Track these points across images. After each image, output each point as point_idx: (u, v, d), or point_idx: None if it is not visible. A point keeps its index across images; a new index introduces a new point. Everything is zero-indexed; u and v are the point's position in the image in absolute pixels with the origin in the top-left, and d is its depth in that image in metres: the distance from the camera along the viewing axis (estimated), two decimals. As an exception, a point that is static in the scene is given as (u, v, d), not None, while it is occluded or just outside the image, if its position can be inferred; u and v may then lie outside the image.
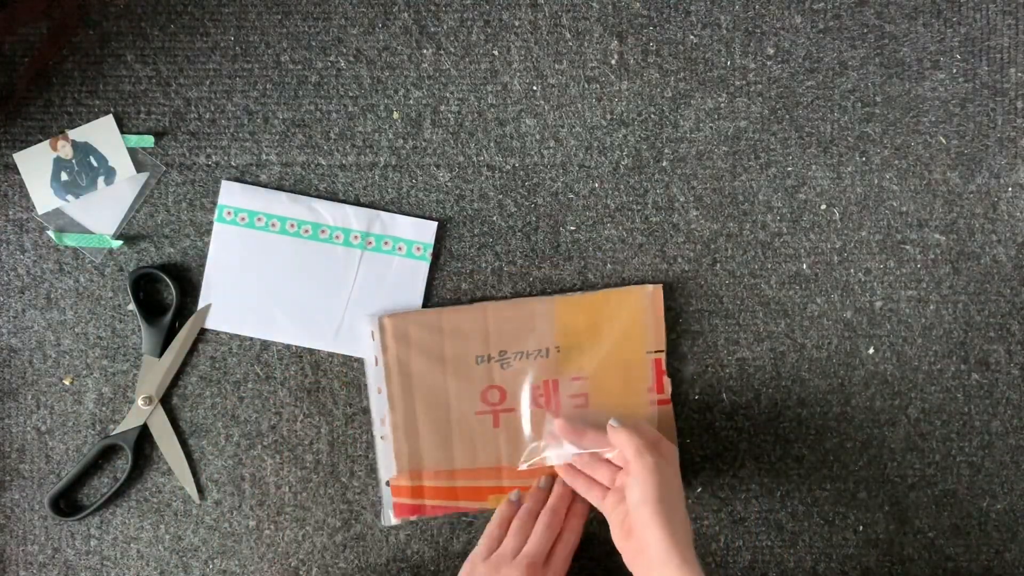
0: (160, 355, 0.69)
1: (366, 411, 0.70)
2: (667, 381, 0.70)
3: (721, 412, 0.71)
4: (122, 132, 0.70)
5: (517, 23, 0.70)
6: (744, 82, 0.71)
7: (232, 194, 0.70)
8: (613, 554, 0.63)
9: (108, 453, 0.70)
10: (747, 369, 0.71)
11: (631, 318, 0.69)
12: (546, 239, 0.71)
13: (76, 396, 0.70)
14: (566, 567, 0.65)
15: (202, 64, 0.70)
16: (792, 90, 0.71)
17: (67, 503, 0.70)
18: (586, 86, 0.71)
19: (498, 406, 0.69)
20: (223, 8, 0.70)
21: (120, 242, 0.69)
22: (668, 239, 0.71)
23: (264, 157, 0.70)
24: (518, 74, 0.70)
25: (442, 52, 0.70)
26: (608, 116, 0.71)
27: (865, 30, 0.71)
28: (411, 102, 0.70)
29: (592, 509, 0.67)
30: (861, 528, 0.71)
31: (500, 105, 0.70)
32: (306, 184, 0.70)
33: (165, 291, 0.70)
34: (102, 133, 0.69)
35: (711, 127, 0.71)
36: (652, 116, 0.71)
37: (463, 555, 0.70)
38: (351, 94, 0.70)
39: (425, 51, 0.70)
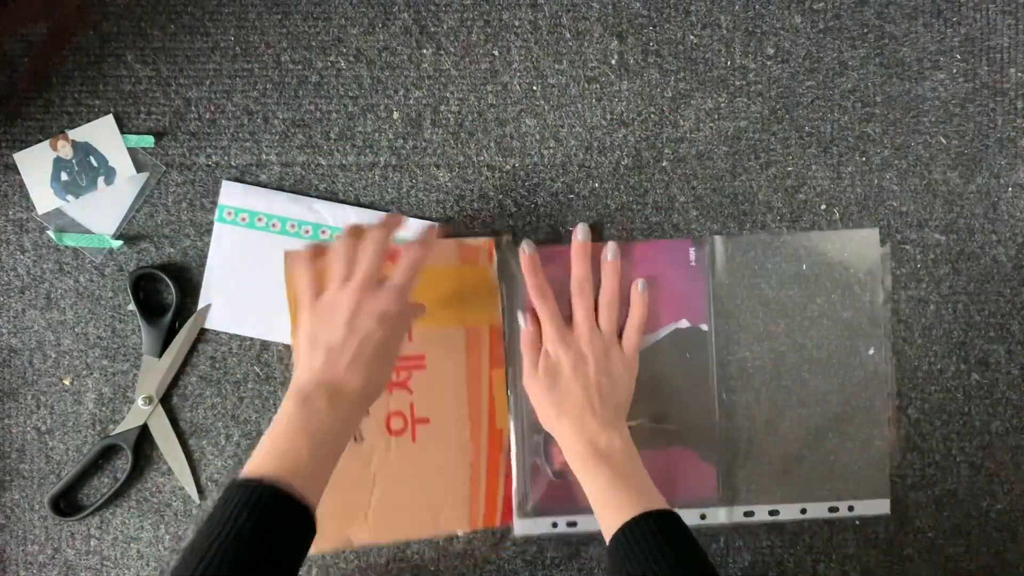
0: (160, 355, 0.69)
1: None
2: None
3: (721, 412, 0.71)
4: (122, 132, 0.70)
5: (517, 23, 0.70)
6: (744, 82, 0.71)
7: (232, 194, 0.70)
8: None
9: (108, 453, 0.70)
10: (747, 369, 0.71)
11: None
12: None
13: (76, 396, 0.70)
14: (413, 281, 0.60)
15: (202, 64, 0.70)
16: (792, 90, 0.71)
17: (67, 503, 0.70)
18: (586, 86, 0.71)
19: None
20: (223, 8, 0.70)
21: (120, 242, 0.69)
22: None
23: (264, 157, 0.70)
24: (518, 74, 0.70)
25: (442, 52, 0.70)
26: (608, 116, 0.71)
27: (865, 30, 0.71)
28: (411, 102, 0.70)
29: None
30: (861, 528, 0.71)
31: (500, 105, 0.70)
32: (306, 184, 0.70)
33: (165, 291, 0.70)
34: (102, 133, 0.69)
35: (711, 127, 0.71)
36: (652, 116, 0.71)
37: (463, 555, 0.70)
38: (351, 94, 0.70)
39: (425, 51, 0.70)
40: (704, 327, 0.70)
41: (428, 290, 0.68)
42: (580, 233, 0.68)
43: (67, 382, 0.70)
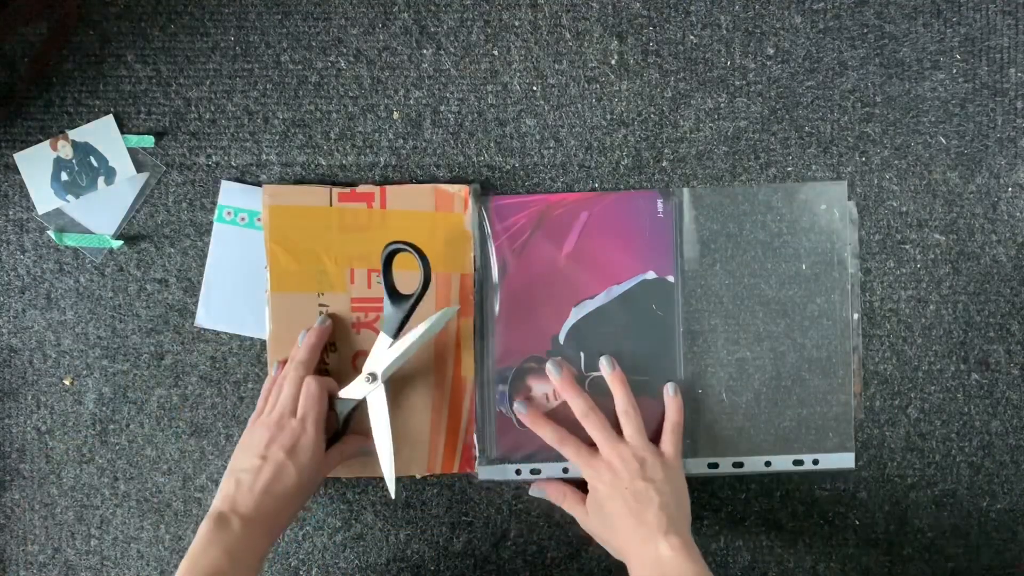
0: (396, 336, 0.65)
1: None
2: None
3: (721, 412, 0.71)
4: (122, 132, 0.70)
5: (517, 23, 0.70)
6: (744, 82, 0.71)
7: (232, 194, 0.70)
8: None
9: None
10: (747, 369, 0.71)
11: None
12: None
13: (76, 396, 0.70)
14: (316, 409, 0.63)
15: (202, 64, 0.70)
16: (792, 90, 0.71)
17: None
18: (586, 86, 0.71)
19: None
20: (223, 8, 0.70)
21: (120, 242, 0.69)
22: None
23: (264, 157, 0.70)
24: (518, 74, 0.71)
25: (442, 52, 0.70)
26: (608, 116, 0.71)
27: (865, 30, 0.71)
28: (411, 102, 0.70)
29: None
30: (861, 528, 0.71)
31: (500, 105, 0.70)
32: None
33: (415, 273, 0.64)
34: (102, 133, 0.69)
35: (711, 127, 0.71)
36: (652, 116, 0.71)
37: (463, 555, 0.70)
38: (351, 94, 0.70)
39: (425, 51, 0.70)
40: (671, 279, 0.70)
41: (401, 233, 0.68)
42: (555, 371, 0.68)
43: (67, 382, 0.70)
